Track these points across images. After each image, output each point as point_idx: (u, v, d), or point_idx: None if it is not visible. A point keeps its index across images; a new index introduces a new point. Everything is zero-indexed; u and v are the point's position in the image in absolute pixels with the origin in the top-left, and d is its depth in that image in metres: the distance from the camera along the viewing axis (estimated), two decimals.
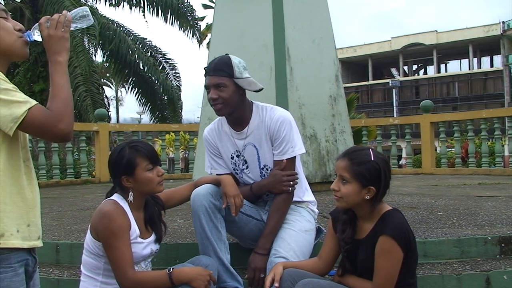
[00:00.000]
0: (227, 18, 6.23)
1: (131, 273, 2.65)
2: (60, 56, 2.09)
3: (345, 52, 57.06)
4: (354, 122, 11.48)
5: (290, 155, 3.21)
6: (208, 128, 3.48)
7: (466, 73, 56.25)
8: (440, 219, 4.29)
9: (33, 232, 2.10)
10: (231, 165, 3.37)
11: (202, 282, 2.66)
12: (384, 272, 2.55)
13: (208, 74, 3.20)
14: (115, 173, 2.81)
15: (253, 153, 3.29)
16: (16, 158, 2.05)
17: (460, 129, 11.65)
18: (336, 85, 6.20)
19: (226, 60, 3.19)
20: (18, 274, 2.02)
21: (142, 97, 19.36)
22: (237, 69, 3.16)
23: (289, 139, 3.20)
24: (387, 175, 2.62)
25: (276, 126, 3.20)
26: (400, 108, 52.63)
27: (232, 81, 3.15)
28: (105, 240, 2.66)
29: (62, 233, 4.27)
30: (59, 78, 2.07)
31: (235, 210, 2.98)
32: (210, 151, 3.42)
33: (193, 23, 19.39)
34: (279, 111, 3.28)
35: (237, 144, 3.31)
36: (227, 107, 3.17)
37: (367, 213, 2.68)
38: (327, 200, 4.92)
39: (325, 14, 6.34)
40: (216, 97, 3.13)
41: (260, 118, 3.27)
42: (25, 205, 2.07)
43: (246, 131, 3.28)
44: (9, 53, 2.15)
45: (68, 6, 15.79)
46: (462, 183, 8.09)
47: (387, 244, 2.53)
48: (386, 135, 13.26)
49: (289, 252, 3.02)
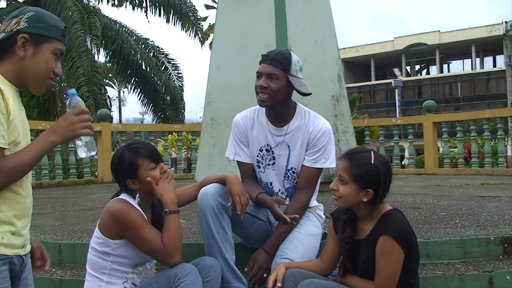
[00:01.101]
0: (229, 18, 6.23)
1: (176, 256, 2.71)
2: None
3: (348, 52, 57.04)
4: (357, 122, 11.48)
5: (321, 165, 3.24)
6: (242, 114, 3.44)
7: (469, 73, 56.18)
8: (442, 219, 4.29)
9: (17, 241, 2.11)
10: (255, 157, 3.33)
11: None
12: (385, 272, 2.55)
13: (264, 61, 3.18)
14: (119, 178, 2.82)
15: (285, 152, 3.28)
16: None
17: (462, 129, 11.63)
18: (338, 85, 6.19)
19: (287, 54, 3.19)
20: (0, 272, 2.03)
21: (145, 97, 19.37)
22: (293, 66, 3.16)
23: (325, 150, 3.23)
24: (386, 179, 2.61)
25: (318, 135, 3.22)
26: (402, 108, 52.65)
27: (286, 76, 3.14)
28: (130, 234, 2.68)
29: (65, 233, 4.27)
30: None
31: (241, 209, 2.97)
32: (238, 137, 3.37)
33: (196, 23, 19.41)
34: (323, 120, 3.31)
35: (272, 139, 3.29)
36: (272, 100, 3.16)
37: (366, 214, 2.68)
38: (329, 201, 4.91)
39: (328, 14, 6.33)
40: (265, 86, 3.12)
41: (302, 121, 3.27)
42: (11, 215, 2.08)
43: (286, 129, 3.27)
44: (30, 79, 2.19)
45: (70, 6, 15.84)
46: (465, 183, 8.08)
47: (388, 244, 2.53)
48: (389, 135, 13.27)
49: (296, 255, 3.02)
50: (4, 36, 2.13)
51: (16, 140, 2.08)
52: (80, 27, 15.52)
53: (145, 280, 2.80)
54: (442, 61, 58.17)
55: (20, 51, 2.12)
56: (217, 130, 5.88)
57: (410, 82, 57.91)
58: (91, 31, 15.64)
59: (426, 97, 47.17)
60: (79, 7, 16.09)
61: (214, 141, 5.90)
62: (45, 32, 2.16)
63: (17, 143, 2.08)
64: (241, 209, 2.97)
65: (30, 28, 2.13)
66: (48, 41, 2.17)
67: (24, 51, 2.13)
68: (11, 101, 2.06)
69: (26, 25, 2.13)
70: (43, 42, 2.16)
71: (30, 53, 2.14)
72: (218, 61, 6.14)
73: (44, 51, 2.16)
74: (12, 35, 2.12)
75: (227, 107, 5.81)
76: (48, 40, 2.17)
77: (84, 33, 15.58)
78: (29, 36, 2.13)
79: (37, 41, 2.14)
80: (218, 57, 6.17)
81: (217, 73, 6.10)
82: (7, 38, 2.13)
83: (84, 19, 15.69)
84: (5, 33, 2.13)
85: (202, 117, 6.37)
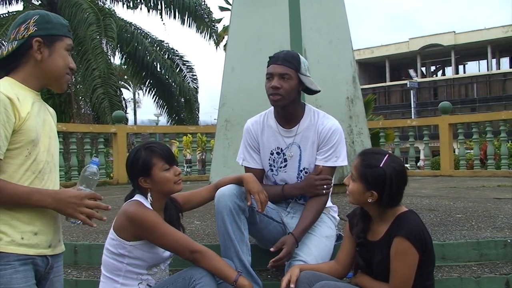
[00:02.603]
0: (244, 20, 6.23)
1: (196, 245, 2.74)
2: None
3: (362, 53, 56.91)
4: (372, 124, 11.44)
5: (333, 164, 3.25)
6: (252, 120, 3.46)
7: (485, 74, 55.78)
8: (458, 222, 4.25)
9: (41, 240, 2.14)
10: (267, 161, 3.35)
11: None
12: (400, 274, 2.54)
13: (275, 62, 3.20)
14: (132, 175, 2.84)
15: (296, 153, 3.29)
16: (23, 170, 2.13)
17: (478, 131, 11.53)
18: (353, 86, 6.17)
19: (295, 54, 3.25)
20: (18, 271, 2.07)
21: (160, 99, 19.44)
22: (303, 66, 3.21)
23: (336, 149, 3.24)
24: (393, 184, 2.59)
25: (328, 134, 3.24)
26: (418, 110, 52.36)
27: (297, 75, 3.18)
28: (148, 234, 2.70)
29: (81, 234, 4.30)
30: None
31: (262, 206, 2.96)
32: (249, 143, 3.40)
33: (210, 25, 19.43)
34: (333, 119, 3.33)
35: (283, 141, 3.31)
36: (285, 99, 3.18)
37: (376, 215, 2.69)
38: (344, 203, 4.90)
39: (342, 15, 6.31)
40: (278, 86, 3.14)
41: (311, 121, 3.29)
42: (33, 214, 2.12)
43: (295, 130, 3.29)
44: (51, 78, 2.27)
45: (86, 8, 15.94)
46: (481, 185, 8.01)
47: (402, 246, 2.52)
48: (404, 137, 13.17)
49: (310, 257, 3.02)
50: (17, 44, 2.20)
51: (35, 141, 2.16)
52: (96, 29, 15.61)
53: (159, 281, 2.82)
54: (457, 62, 57.80)
55: (37, 54, 2.20)
56: (231, 131, 5.89)
57: (426, 83, 57.62)
58: (107, 33, 15.72)
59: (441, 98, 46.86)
60: (95, 9, 16.20)
61: (228, 142, 5.90)
62: (55, 32, 2.24)
63: (36, 143, 2.16)
64: (261, 207, 2.97)
65: (40, 30, 2.21)
66: (59, 39, 2.26)
67: (41, 54, 2.20)
68: (28, 106, 2.14)
69: (36, 29, 2.21)
70: (55, 41, 2.24)
71: (46, 54, 2.22)
72: (232, 63, 6.15)
73: (58, 49, 2.24)
74: (25, 42, 2.19)
75: (242, 109, 5.81)
76: (59, 38, 2.26)
77: (100, 35, 15.66)
78: (42, 39, 2.20)
79: (50, 42, 2.22)
80: (233, 58, 6.18)
81: (232, 74, 6.11)
82: (21, 45, 2.20)
83: (99, 21, 15.78)
84: (18, 41, 2.20)
85: (217, 119, 6.38)
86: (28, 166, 2.14)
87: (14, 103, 2.08)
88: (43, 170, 2.20)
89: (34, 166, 2.16)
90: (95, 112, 17.11)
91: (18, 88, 2.16)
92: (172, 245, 2.72)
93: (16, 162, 2.11)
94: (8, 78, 2.19)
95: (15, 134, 2.09)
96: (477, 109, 50.93)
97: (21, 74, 2.20)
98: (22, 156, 2.12)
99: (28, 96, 2.18)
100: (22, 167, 2.13)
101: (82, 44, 16.21)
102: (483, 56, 56.13)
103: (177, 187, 2.86)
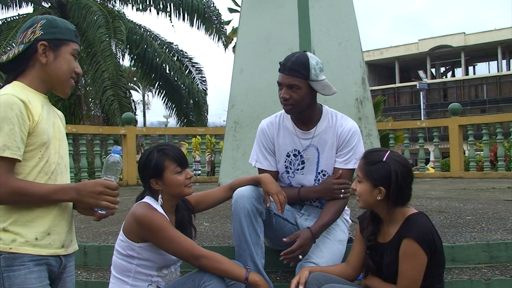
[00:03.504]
0: (253, 22, 6.23)
1: (201, 251, 2.73)
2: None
3: (372, 54, 56.76)
4: (381, 125, 11.40)
5: (353, 166, 3.22)
6: (267, 120, 3.42)
7: (495, 75, 55.49)
8: (468, 224, 4.24)
9: (54, 240, 2.17)
10: (283, 163, 3.32)
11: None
12: (408, 276, 2.54)
13: (283, 72, 3.15)
14: (144, 176, 2.84)
15: (314, 155, 3.27)
16: (36, 172, 2.17)
17: (488, 132, 11.46)
18: (362, 88, 6.16)
19: (304, 60, 3.12)
20: (33, 272, 2.10)
21: (169, 101, 19.45)
22: (313, 71, 3.12)
23: (356, 150, 3.22)
24: (399, 178, 2.59)
25: (348, 135, 3.23)
26: (427, 111, 52.19)
27: (307, 83, 3.12)
28: (155, 237, 2.70)
29: (90, 235, 4.31)
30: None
31: (281, 207, 2.95)
32: (264, 144, 3.36)
33: (219, 27, 19.45)
34: (351, 121, 3.32)
35: (300, 143, 3.28)
36: (297, 108, 3.16)
37: (386, 216, 2.68)
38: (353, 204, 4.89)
39: (351, 16, 6.30)
40: (288, 97, 3.12)
41: (329, 123, 3.27)
42: (46, 215, 2.15)
43: (313, 132, 3.26)
44: (56, 82, 2.30)
45: (96, 11, 16.00)
46: (491, 187, 7.97)
47: (410, 248, 2.52)
48: (414, 138, 13.15)
49: (321, 259, 3.02)
50: (23, 47, 2.24)
51: (47, 143, 2.19)
52: (105, 32, 15.66)
53: (169, 283, 2.82)
54: (467, 63, 57.55)
55: (42, 58, 2.24)
56: (240, 133, 5.89)
57: (435, 84, 57.40)
58: (116, 35, 15.77)
59: (451, 100, 46.70)
60: (104, 12, 16.25)
61: (237, 144, 5.90)
62: (60, 36, 2.27)
63: (48, 145, 2.20)
64: (281, 208, 2.96)
65: (46, 34, 2.25)
66: (65, 43, 2.28)
67: (46, 57, 2.24)
68: (39, 109, 2.18)
69: (42, 33, 2.25)
70: (61, 45, 2.27)
71: (51, 58, 2.25)
72: (241, 64, 6.15)
73: (63, 54, 2.27)
74: (31, 45, 2.23)
75: (251, 110, 5.82)
76: (65, 42, 2.29)
77: (109, 37, 15.71)
78: (48, 42, 2.24)
79: (56, 46, 2.26)
80: (242, 60, 6.18)
81: (241, 76, 6.11)
82: (27, 49, 2.24)
83: (109, 23, 15.83)
84: (24, 44, 2.24)
85: (226, 120, 6.39)
86: (41, 168, 2.18)
87: (28, 106, 2.12)
88: (55, 171, 2.24)
89: (47, 167, 2.20)
90: (105, 114, 17.18)
91: (28, 91, 2.20)
92: (176, 249, 2.71)
93: (30, 164, 2.15)
94: (17, 82, 2.23)
95: (29, 136, 2.13)
96: (487, 110, 50.68)
97: (28, 78, 2.24)
98: (36, 158, 2.16)
99: (37, 100, 2.21)
100: (36, 168, 2.16)
101: (92, 46, 16.29)
102: (493, 57, 55.84)
103: (188, 190, 2.86)
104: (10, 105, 2.07)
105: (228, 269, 2.72)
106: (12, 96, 2.09)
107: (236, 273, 2.71)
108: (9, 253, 2.07)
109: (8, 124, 2.06)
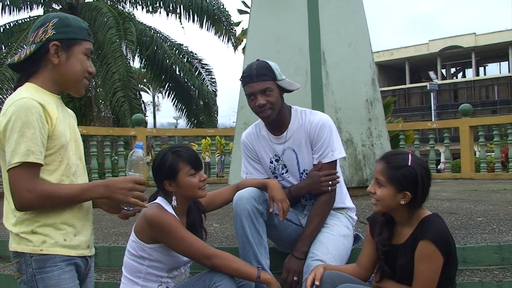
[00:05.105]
0: (262, 23, 6.23)
1: (212, 250, 2.75)
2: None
3: (382, 55, 56.58)
4: (391, 126, 11.36)
5: (330, 159, 3.21)
6: (246, 132, 3.49)
7: (506, 76, 55.15)
8: (479, 225, 4.21)
9: (81, 241, 2.17)
10: (269, 170, 3.36)
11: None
12: (424, 277, 2.52)
13: (251, 81, 3.19)
14: (158, 178, 2.85)
15: (292, 157, 3.28)
16: (59, 175, 2.16)
17: (499, 133, 11.40)
18: (372, 89, 6.15)
19: (265, 64, 3.22)
20: (65, 272, 2.11)
21: (179, 102, 19.49)
22: (276, 72, 3.20)
23: (329, 143, 3.20)
24: (424, 182, 2.59)
25: (317, 130, 3.21)
26: (438, 112, 51.92)
27: (276, 84, 3.18)
28: (165, 238, 2.71)
29: (100, 236, 4.33)
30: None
31: (283, 215, 2.98)
32: (248, 155, 3.42)
33: (229, 28, 19.46)
34: (319, 115, 3.30)
35: (276, 148, 3.31)
36: (275, 110, 3.18)
37: (404, 218, 2.65)
38: (364, 205, 4.88)
39: (361, 17, 6.29)
40: (264, 103, 3.14)
41: (299, 122, 3.27)
42: (72, 217, 2.15)
43: (285, 136, 3.28)
44: (69, 83, 2.26)
45: (106, 12, 16.07)
46: (502, 188, 7.92)
47: (428, 249, 2.51)
48: (424, 139, 13.07)
49: (327, 256, 3.01)
50: (35, 47, 2.18)
51: (65, 145, 2.18)
52: (116, 33, 15.71)
53: (179, 284, 2.82)
54: (478, 64, 57.23)
55: (54, 58, 2.18)
56: None
57: (446, 85, 57.14)
58: (126, 37, 15.81)
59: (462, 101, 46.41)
60: (115, 13, 16.31)
61: None
62: (73, 35, 2.22)
63: (66, 147, 2.19)
64: (283, 216, 2.99)
65: (58, 34, 2.19)
66: (77, 43, 2.23)
67: (58, 58, 2.19)
68: (55, 111, 2.15)
69: (54, 32, 2.18)
70: (73, 45, 2.21)
71: (64, 58, 2.20)
72: None
73: (76, 54, 2.22)
74: (42, 45, 2.18)
75: None
76: (78, 42, 2.23)
77: (120, 38, 15.76)
78: (60, 42, 2.18)
79: (68, 45, 2.20)
80: (251, 61, 6.17)
81: None
82: (39, 49, 2.18)
83: (119, 25, 15.88)
84: (36, 44, 2.19)
85: (235, 122, 6.39)
86: (63, 171, 2.17)
87: (46, 109, 2.10)
88: (75, 173, 2.23)
89: (67, 170, 2.18)
90: (115, 115, 17.23)
91: (42, 93, 2.16)
92: (188, 249, 2.72)
93: (51, 168, 2.13)
94: (30, 83, 2.19)
95: (48, 140, 2.11)
96: (498, 111, 50.33)
97: (40, 79, 2.20)
98: (56, 161, 2.15)
99: (52, 101, 2.18)
100: (57, 171, 2.15)
101: (102, 47, 16.33)
102: (504, 58, 55.51)
103: (202, 193, 2.87)
104: (30, 109, 2.04)
105: (240, 268, 2.73)
106: (31, 99, 2.06)
107: (249, 272, 2.72)
108: (40, 255, 2.08)
109: (30, 128, 2.03)
